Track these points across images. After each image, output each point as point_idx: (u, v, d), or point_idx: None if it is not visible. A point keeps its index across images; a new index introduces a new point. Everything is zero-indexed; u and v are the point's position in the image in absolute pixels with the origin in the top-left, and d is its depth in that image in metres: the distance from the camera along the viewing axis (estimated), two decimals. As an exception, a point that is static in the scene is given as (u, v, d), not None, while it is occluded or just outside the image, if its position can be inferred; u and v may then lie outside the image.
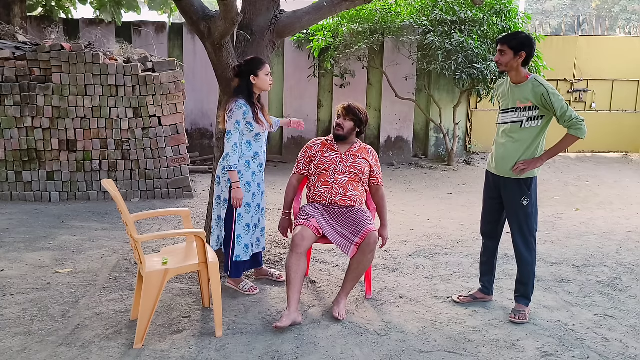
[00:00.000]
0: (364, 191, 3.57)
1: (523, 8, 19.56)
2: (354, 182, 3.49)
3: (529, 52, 3.11)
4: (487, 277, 3.50)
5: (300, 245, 3.22)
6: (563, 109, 3.05)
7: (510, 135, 3.21)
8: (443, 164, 9.15)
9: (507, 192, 3.25)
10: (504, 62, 3.14)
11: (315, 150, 3.60)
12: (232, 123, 3.37)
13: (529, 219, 3.22)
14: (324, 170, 3.51)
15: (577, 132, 3.07)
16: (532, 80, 3.14)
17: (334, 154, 3.54)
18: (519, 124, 3.17)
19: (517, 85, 3.18)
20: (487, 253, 3.49)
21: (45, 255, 4.26)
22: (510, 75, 3.21)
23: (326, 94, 9.51)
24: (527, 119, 3.15)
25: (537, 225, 3.28)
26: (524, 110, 3.15)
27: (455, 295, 3.58)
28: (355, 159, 3.52)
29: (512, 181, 3.21)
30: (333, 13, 4.12)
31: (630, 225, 5.51)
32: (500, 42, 3.15)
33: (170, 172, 6.38)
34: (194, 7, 3.75)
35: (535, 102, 3.10)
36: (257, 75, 3.45)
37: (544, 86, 3.09)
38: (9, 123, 6.00)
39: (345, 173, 3.48)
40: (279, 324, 3.02)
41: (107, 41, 8.00)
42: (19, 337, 2.92)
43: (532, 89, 3.11)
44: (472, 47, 7.76)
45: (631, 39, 10.47)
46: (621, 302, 3.57)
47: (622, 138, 10.23)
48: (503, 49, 3.13)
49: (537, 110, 3.12)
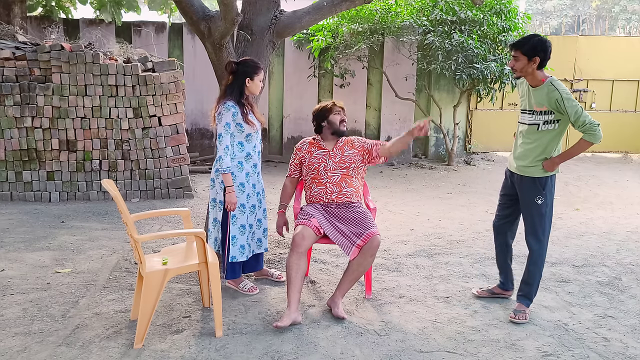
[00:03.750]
0: (359, 184, 3.61)
1: (523, 8, 19.59)
2: (347, 178, 3.53)
3: (543, 56, 3.06)
4: (503, 273, 3.55)
5: (300, 244, 3.22)
6: (577, 114, 3.04)
7: (528, 136, 3.23)
8: (443, 164, 9.15)
9: (523, 190, 3.28)
10: (519, 68, 3.12)
11: (304, 151, 3.65)
12: (222, 125, 3.37)
13: (542, 219, 3.23)
14: (315, 171, 3.56)
15: (591, 137, 3.07)
16: (548, 84, 3.10)
17: (322, 152, 3.58)
18: (535, 126, 3.18)
19: (534, 88, 3.17)
20: (499, 250, 3.56)
21: (45, 255, 4.26)
22: (527, 79, 3.19)
23: (326, 94, 9.51)
24: (544, 123, 3.15)
25: (550, 227, 3.28)
26: (540, 114, 3.15)
27: (474, 289, 3.67)
28: (343, 152, 3.57)
29: (528, 180, 3.23)
30: (333, 13, 4.12)
31: (630, 225, 5.51)
32: (514, 48, 3.12)
33: (170, 172, 6.38)
34: (194, 7, 3.75)
35: (549, 106, 3.09)
36: (253, 79, 3.45)
37: (558, 91, 3.06)
38: (9, 123, 6.00)
39: (337, 169, 3.53)
40: (280, 323, 3.03)
41: (107, 41, 7.99)
42: (19, 337, 2.92)
43: (547, 94, 3.09)
44: (472, 47, 7.75)
45: (631, 39, 10.46)
46: (621, 302, 3.58)
47: (622, 138, 10.22)
48: (517, 55, 3.10)
49: (553, 115, 3.12)
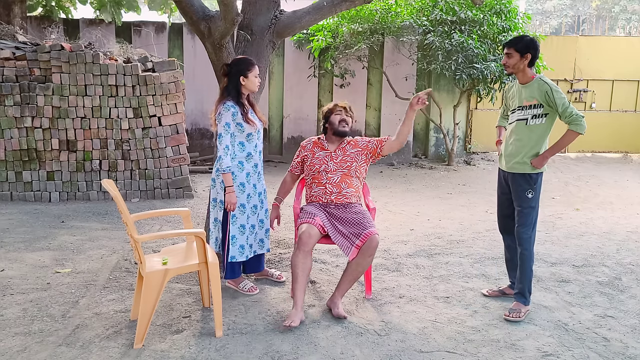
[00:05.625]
0: (359, 185, 3.62)
1: (523, 8, 19.59)
2: (347, 179, 3.53)
3: (534, 53, 3.30)
4: (514, 273, 3.55)
5: (307, 243, 3.22)
6: (564, 106, 3.22)
7: (516, 132, 3.38)
8: (443, 164, 9.15)
9: (515, 186, 3.39)
10: (511, 64, 3.33)
11: (308, 150, 3.67)
12: (222, 125, 3.37)
13: (532, 211, 3.35)
14: (315, 172, 3.58)
15: (577, 127, 3.22)
16: (538, 80, 3.32)
17: (324, 153, 3.60)
18: (524, 121, 3.34)
19: (524, 86, 3.36)
20: (508, 250, 3.60)
21: (45, 255, 4.26)
22: (517, 76, 3.40)
23: (326, 94, 9.51)
24: (532, 117, 3.31)
25: (537, 218, 3.39)
26: (529, 108, 3.32)
27: (484, 289, 3.71)
28: (345, 152, 3.59)
29: (519, 176, 3.36)
30: (333, 13, 4.12)
31: (630, 225, 5.51)
32: (507, 46, 3.34)
33: (170, 172, 6.38)
34: (194, 7, 3.74)
35: (540, 99, 3.27)
36: (247, 76, 3.45)
37: (548, 84, 3.27)
38: (9, 123, 6.00)
39: (337, 170, 3.54)
40: (292, 324, 3.01)
41: (107, 41, 8.00)
42: (19, 337, 2.92)
43: (537, 87, 3.29)
44: (472, 47, 7.76)
45: (631, 39, 10.46)
46: (621, 302, 3.58)
47: (622, 138, 10.23)
48: (509, 52, 3.32)
49: (542, 108, 3.28)
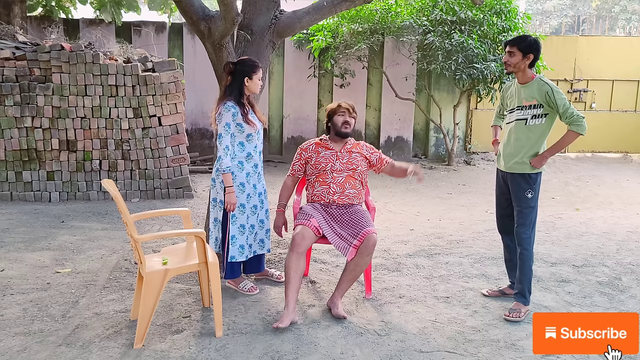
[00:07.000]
0: (362, 188, 3.60)
1: (523, 8, 19.54)
2: (351, 180, 3.51)
3: (536, 54, 3.28)
4: (514, 273, 3.55)
5: (300, 244, 3.22)
6: (565, 106, 3.20)
7: (515, 132, 3.35)
8: (443, 164, 9.15)
9: (514, 186, 3.37)
10: (513, 63, 3.29)
11: (310, 152, 3.62)
12: (222, 125, 3.37)
13: (531, 210, 3.34)
14: (321, 170, 3.53)
15: (577, 128, 3.20)
16: (538, 80, 3.30)
17: (330, 153, 3.56)
18: (523, 121, 3.32)
19: (523, 86, 3.33)
20: (508, 250, 3.60)
21: (45, 255, 4.26)
22: (517, 75, 3.36)
23: (326, 94, 9.51)
24: (532, 117, 3.29)
25: (536, 218, 3.38)
26: (529, 108, 3.29)
27: (484, 289, 3.70)
28: (350, 154, 3.56)
29: (518, 176, 3.34)
30: (333, 13, 4.12)
31: (630, 225, 5.51)
32: (510, 44, 3.31)
33: (170, 172, 6.38)
34: (194, 7, 3.74)
35: (540, 99, 3.24)
36: (251, 78, 3.45)
37: (548, 85, 3.25)
38: (9, 123, 6.00)
39: (343, 171, 3.51)
40: (280, 324, 3.02)
41: (107, 41, 7.98)
42: (19, 337, 2.92)
43: (537, 88, 3.26)
44: (472, 47, 7.76)
45: (631, 39, 10.47)
46: (621, 302, 3.57)
47: (622, 138, 10.23)
48: (512, 51, 3.28)
49: (542, 109, 3.26)
